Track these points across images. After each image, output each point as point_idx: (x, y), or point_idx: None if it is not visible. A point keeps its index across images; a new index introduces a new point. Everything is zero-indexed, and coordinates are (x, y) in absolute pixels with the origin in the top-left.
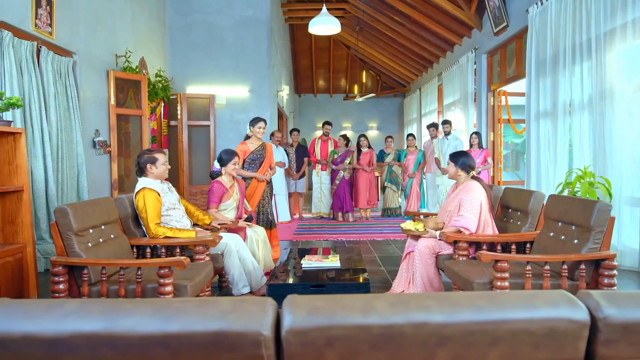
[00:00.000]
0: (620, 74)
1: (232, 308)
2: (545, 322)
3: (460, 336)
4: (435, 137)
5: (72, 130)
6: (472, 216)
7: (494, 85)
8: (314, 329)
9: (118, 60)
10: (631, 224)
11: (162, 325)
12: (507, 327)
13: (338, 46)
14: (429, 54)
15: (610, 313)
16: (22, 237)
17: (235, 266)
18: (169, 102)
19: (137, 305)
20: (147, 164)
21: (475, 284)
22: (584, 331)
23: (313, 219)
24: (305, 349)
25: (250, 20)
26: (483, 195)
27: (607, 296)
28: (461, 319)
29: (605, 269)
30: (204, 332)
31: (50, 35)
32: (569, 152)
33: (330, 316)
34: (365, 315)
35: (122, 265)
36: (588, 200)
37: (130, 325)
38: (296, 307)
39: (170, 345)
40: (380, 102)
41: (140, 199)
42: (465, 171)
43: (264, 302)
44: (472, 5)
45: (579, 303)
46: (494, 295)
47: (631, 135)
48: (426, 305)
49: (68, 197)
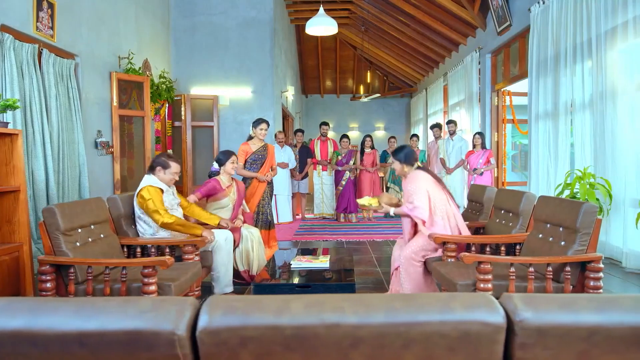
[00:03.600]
0: (622, 73)
1: (151, 307)
2: (459, 324)
3: (373, 338)
4: (439, 137)
5: (73, 131)
6: (419, 203)
7: (498, 85)
8: (227, 329)
9: (121, 62)
10: (635, 226)
11: (80, 324)
12: (420, 330)
13: (344, 46)
14: (434, 54)
15: (526, 316)
16: (19, 236)
17: (221, 263)
18: (173, 103)
19: (60, 303)
20: (158, 166)
21: (458, 286)
22: (500, 334)
23: (315, 219)
24: (220, 349)
25: (254, 21)
26: (428, 181)
27: (526, 299)
28: (374, 320)
29: (591, 271)
30: (119, 331)
31: (52, 37)
32: (570, 153)
33: (245, 316)
34: (277, 316)
35: (106, 264)
36: (575, 202)
37: (50, 323)
38: (214, 307)
39: (87, 343)
40: (387, 102)
41: (145, 192)
42: (410, 164)
43: (184, 302)
44: (476, 5)
45: (497, 306)
46: (412, 297)
47: (634, 135)
48: (341, 307)
49: (69, 197)
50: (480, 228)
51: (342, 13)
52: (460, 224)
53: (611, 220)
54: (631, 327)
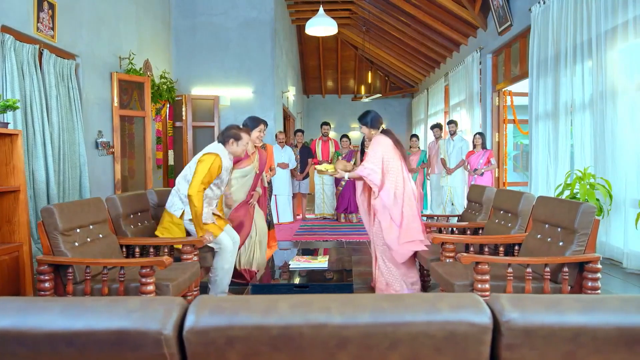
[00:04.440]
0: (622, 73)
1: (139, 307)
2: (445, 325)
3: (359, 338)
4: (439, 137)
5: (74, 131)
6: (372, 165)
7: (499, 85)
8: (214, 328)
9: (122, 63)
10: (635, 227)
11: (69, 323)
12: (406, 330)
13: (345, 47)
14: (435, 54)
15: (512, 317)
16: (19, 236)
17: (220, 267)
18: (174, 104)
19: (48, 303)
20: (230, 139)
21: (456, 286)
22: (486, 335)
23: (316, 219)
24: (207, 349)
25: (255, 21)
26: (386, 146)
27: (513, 300)
28: (360, 320)
29: (589, 272)
30: (107, 331)
31: (52, 38)
32: (570, 153)
33: (232, 316)
34: (264, 316)
35: (105, 264)
36: (573, 202)
37: (38, 323)
38: (201, 307)
39: (75, 342)
40: (389, 102)
41: (207, 159)
42: (375, 127)
43: (172, 301)
44: (476, 5)
45: (484, 307)
46: (399, 298)
47: (634, 135)
48: (327, 307)
49: (70, 197)
50: (479, 228)
51: (343, 13)
52: (407, 193)
53: (612, 221)
54: (617, 328)
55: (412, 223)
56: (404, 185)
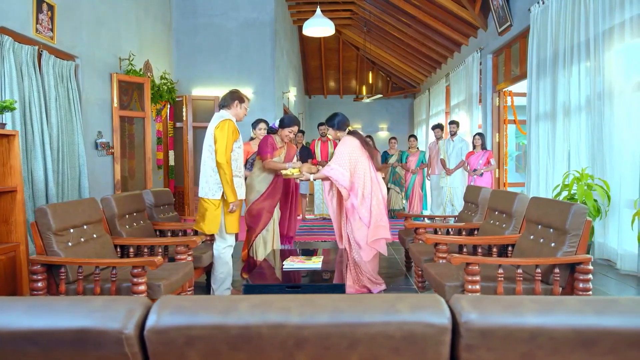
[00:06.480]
0: (619, 73)
1: (101, 307)
2: (403, 325)
3: (317, 338)
4: (440, 138)
5: (73, 132)
6: (339, 167)
7: (499, 85)
8: (174, 328)
9: (121, 63)
10: (631, 228)
11: (32, 322)
12: (364, 330)
13: (347, 47)
14: (436, 54)
15: (470, 318)
16: (16, 236)
17: (226, 263)
18: (174, 104)
19: (12, 302)
20: (235, 101)
21: (447, 287)
22: (445, 336)
23: (315, 220)
24: (167, 348)
25: (255, 22)
26: (353, 146)
27: (473, 300)
28: (319, 321)
29: (580, 273)
30: (69, 330)
31: (52, 39)
32: (568, 154)
33: (192, 316)
34: (224, 316)
35: (96, 264)
36: (565, 203)
37: (2, 321)
38: (163, 307)
39: (38, 341)
40: (391, 103)
41: (222, 125)
42: (342, 130)
43: (135, 301)
44: (476, 5)
45: (444, 307)
46: (359, 299)
47: (630, 136)
48: (287, 307)
49: (69, 198)
50: (474, 229)
51: (344, 14)
52: (375, 192)
53: (608, 222)
54: (574, 329)
55: (379, 222)
56: (372, 185)
